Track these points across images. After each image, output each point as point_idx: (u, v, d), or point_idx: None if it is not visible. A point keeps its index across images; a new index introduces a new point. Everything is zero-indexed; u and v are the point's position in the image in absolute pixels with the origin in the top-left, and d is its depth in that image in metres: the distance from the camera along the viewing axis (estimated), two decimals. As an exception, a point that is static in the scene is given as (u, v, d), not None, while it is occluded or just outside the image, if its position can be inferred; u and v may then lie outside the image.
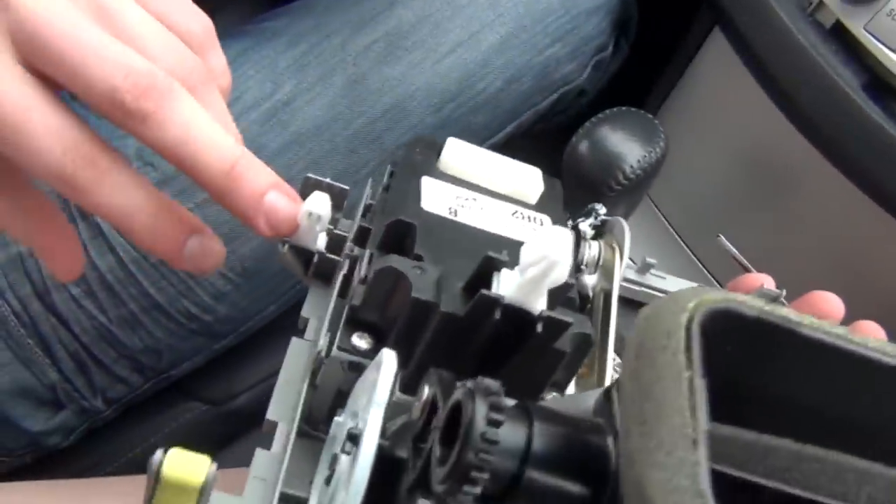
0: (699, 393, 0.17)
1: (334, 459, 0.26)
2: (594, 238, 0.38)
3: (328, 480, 0.26)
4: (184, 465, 0.23)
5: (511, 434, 0.21)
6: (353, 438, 0.25)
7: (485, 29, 0.62)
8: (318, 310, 0.34)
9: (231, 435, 0.66)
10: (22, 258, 0.52)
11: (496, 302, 0.26)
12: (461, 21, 0.61)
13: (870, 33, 0.55)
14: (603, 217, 0.39)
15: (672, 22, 0.74)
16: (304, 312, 0.34)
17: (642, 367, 0.18)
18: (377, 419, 0.24)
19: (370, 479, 0.23)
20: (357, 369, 0.28)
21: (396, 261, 0.28)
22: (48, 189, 0.32)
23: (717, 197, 0.73)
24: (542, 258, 0.25)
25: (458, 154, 0.35)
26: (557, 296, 0.28)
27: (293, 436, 0.29)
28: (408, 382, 0.28)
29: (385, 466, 0.24)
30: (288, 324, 0.64)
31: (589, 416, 0.23)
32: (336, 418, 0.27)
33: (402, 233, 0.31)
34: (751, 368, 0.19)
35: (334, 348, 0.29)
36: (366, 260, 0.30)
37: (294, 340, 0.32)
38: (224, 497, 0.26)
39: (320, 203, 0.31)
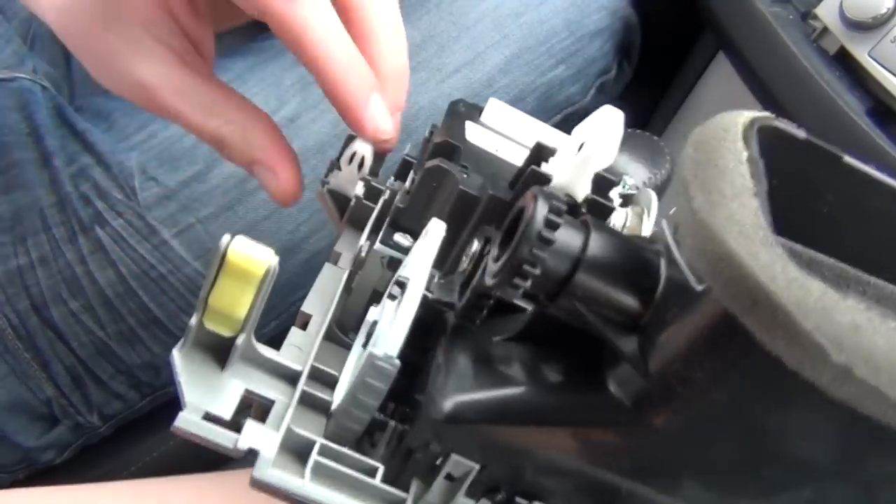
0: (758, 165, 0.18)
1: (372, 326, 0.26)
2: (622, 206, 0.39)
3: (365, 345, 0.26)
4: (249, 252, 0.24)
5: (568, 236, 0.22)
6: (401, 285, 0.25)
7: (489, 49, 0.62)
8: (352, 247, 0.35)
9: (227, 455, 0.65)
10: (21, 272, 0.52)
11: (545, 178, 0.25)
12: (466, 41, 0.61)
13: (874, 59, 0.56)
14: (630, 189, 0.39)
15: (676, 45, 0.74)
16: (338, 248, 0.35)
17: (701, 154, 0.19)
18: (427, 260, 0.25)
19: (414, 321, 0.24)
20: (395, 267, 0.28)
21: (444, 162, 0.30)
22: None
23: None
24: (591, 137, 0.25)
25: (498, 112, 0.36)
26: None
27: (329, 318, 0.29)
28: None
29: (429, 311, 0.25)
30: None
31: (645, 241, 0.23)
32: (371, 309, 0.27)
33: (448, 150, 0.31)
34: (797, 188, 0.19)
35: (377, 242, 0.29)
36: (411, 174, 0.31)
37: (327, 265, 0.33)
38: (259, 346, 0.26)
39: (363, 147, 0.33)
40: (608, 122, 0.26)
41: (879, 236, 0.20)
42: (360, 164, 0.33)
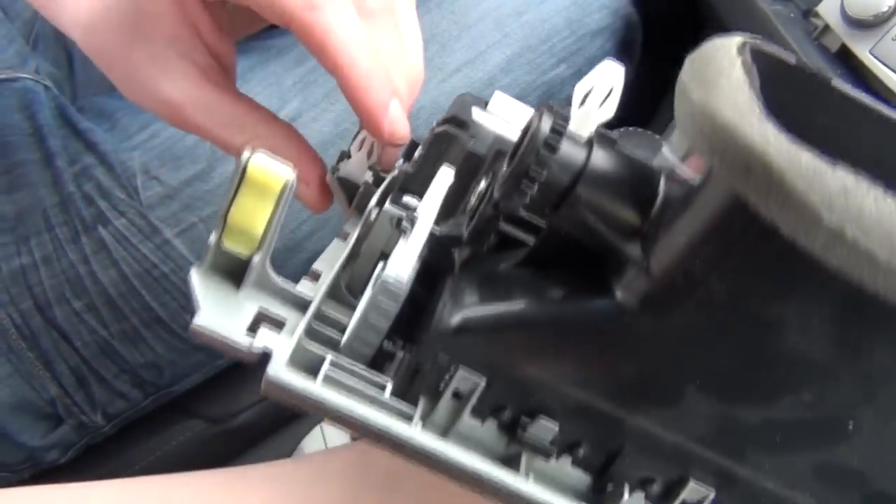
0: (752, 70, 0.20)
1: (381, 269, 0.26)
2: None
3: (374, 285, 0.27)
4: (269, 166, 0.24)
5: (570, 149, 0.23)
6: (411, 220, 0.26)
7: (490, 49, 0.62)
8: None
9: (230, 454, 0.65)
10: (24, 271, 0.52)
11: (554, 110, 0.26)
12: (468, 40, 0.62)
13: (875, 57, 0.56)
14: None
15: (677, 44, 0.74)
16: (346, 228, 0.35)
17: (697, 63, 0.20)
18: (437, 196, 0.26)
19: (422, 262, 0.24)
20: (402, 230, 0.29)
21: (452, 128, 0.31)
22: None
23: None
24: (595, 86, 0.26)
25: (504, 103, 0.37)
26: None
27: (339, 264, 0.30)
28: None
29: (437, 252, 0.26)
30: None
31: (647, 159, 0.25)
32: (380, 264, 0.28)
33: (456, 122, 0.32)
34: (788, 111, 0.20)
35: (387, 203, 0.30)
36: (419, 150, 0.32)
37: (336, 240, 0.34)
38: (273, 273, 0.27)
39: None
40: (609, 75, 0.26)
41: (869, 159, 0.21)
42: (370, 152, 0.34)
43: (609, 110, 0.26)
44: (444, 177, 0.27)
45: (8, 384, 0.53)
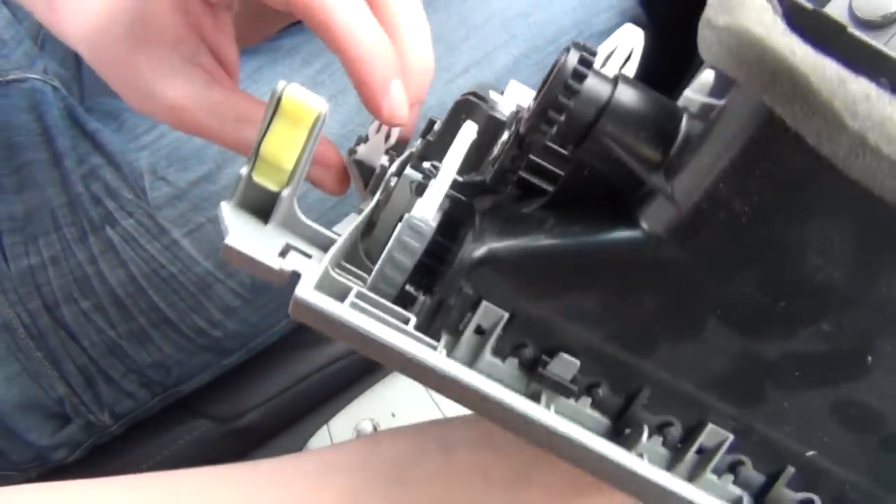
0: (773, 1, 0.20)
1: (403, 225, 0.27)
2: None
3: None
4: (303, 97, 0.25)
5: (595, 85, 0.24)
6: (435, 168, 0.27)
7: (498, 49, 0.62)
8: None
9: (237, 453, 0.65)
10: (32, 271, 0.52)
11: (581, 45, 0.26)
12: (475, 41, 0.62)
13: (884, 58, 0.55)
14: None
15: (684, 45, 0.74)
16: (362, 206, 0.36)
17: None
18: (460, 147, 0.26)
19: (443, 214, 0.25)
20: (421, 192, 0.29)
21: (473, 98, 0.31)
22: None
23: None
24: (616, 47, 0.26)
25: (519, 90, 0.37)
26: None
27: (362, 218, 0.30)
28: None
29: (458, 206, 0.27)
30: (298, 342, 0.65)
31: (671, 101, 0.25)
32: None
33: (469, 107, 0.33)
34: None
35: (407, 168, 0.30)
36: (437, 125, 0.33)
37: (352, 214, 0.35)
38: (299, 212, 0.28)
39: None
40: (630, 37, 0.27)
41: None
42: (388, 136, 0.34)
43: (630, 70, 0.27)
44: (468, 130, 0.28)
45: (16, 383, 0.54)
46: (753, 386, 0.24)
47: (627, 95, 0.24)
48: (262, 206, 0.27)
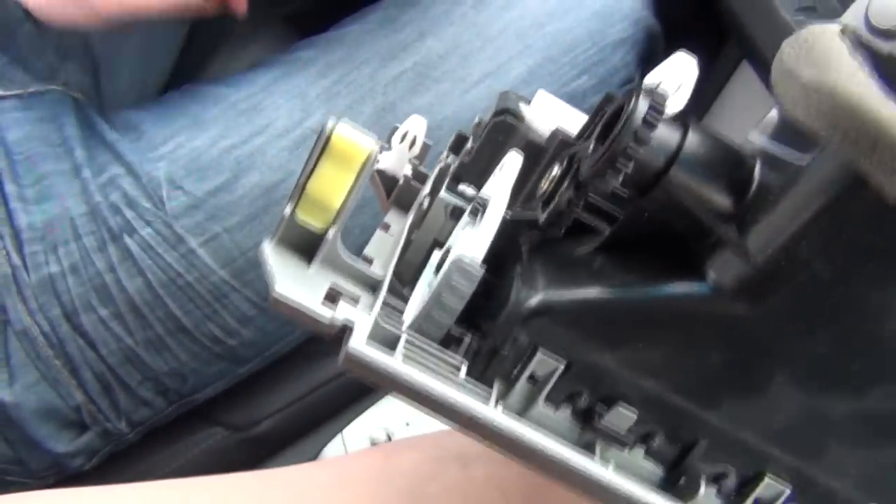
0: (856, 53, 0.19)
1: (444, 253, 0.26)
2: None
3: (437, 270, 0.26)
4: (353, 137, 0.24)
5: (666, 132, 0.23)
6: (480, 205, 0.25)
7: (512, 60, 0.63)
8: (402, 219, 0.34)
9: (253, 461, 0.65)
10: (52, 280, 0.53)
11: (651, 90, 0.25)
12: (490, 52, 0.62)
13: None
14: None
15: (699, 55, 0.74)
16: (387, 220, 0.35)
17: (799, 46, 0.20)
18: (508, 181, 0.25)
19: (489, 247, 0.24)
20: (458, 216, 0.28)
21: (510, 119, 0.30)
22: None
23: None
24: (664, 79, 0.26)
25: (548, 101, 0.36)
26: None
27: (399, 249, 0.29)
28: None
29: (504, 237, 0.25)
30: (312, 350, 0.65)
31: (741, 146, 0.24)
32: (434, 252, 0.27)
33: (506, 128, 0.31)
34: None
35: (442, 190, 0.29)
36: (468, 144, 0.32)
37: (378, 232, 0.33)
38: (343, 250, 0.27)
39: (416, 125, 0.32)
40: (682, 66, 0.26)
41: None
42: (411, 145, 0.33)
43: (679, 103, 0.26)
44: (514, 161, 0.27)
45: (35, 391, 0.54)
46: (817, 442, 0.23)
47: (697, 142, 0.23)
48: (304, 245, 0.26)
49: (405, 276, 0.30)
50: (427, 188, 0.32)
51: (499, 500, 0.30)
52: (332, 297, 0.25)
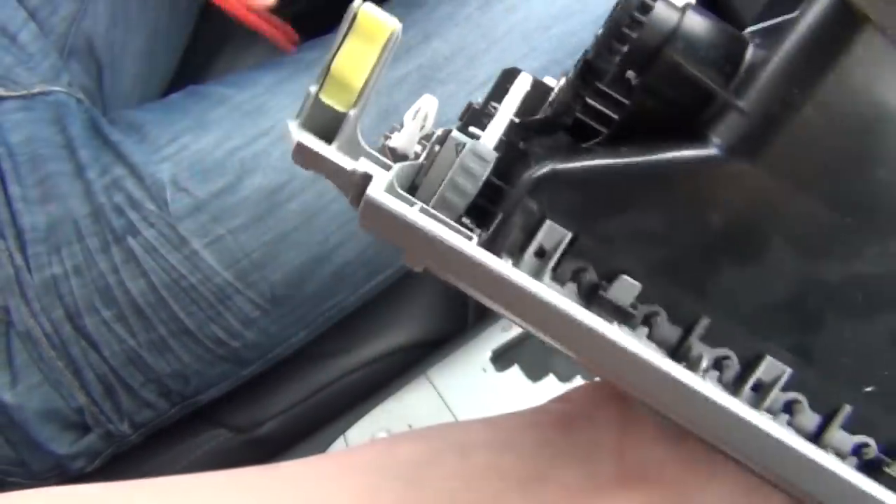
0: None
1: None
2: None
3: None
4: (378, 14, 0.25)
5: (664, 10, 0.24)
6: (493, 109, 0.26)
7: (518, 62, 0.62)
8: None
9: (256, 463, 0.65)
10: (56, 281, 0.53)
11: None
12: (495, 54, 0.62)
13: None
14: None
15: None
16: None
17: None
18: (519, 89, 0.26)
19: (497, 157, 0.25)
20: None
21: (519, 68, 0.31)
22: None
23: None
24: None
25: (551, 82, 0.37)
26: None
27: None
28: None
29: (511, 151, 0.27)
30: (316, 353, 0.65)
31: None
32: None
33: (515, 75, 0.32)
34: None
35: (453, 131, 0.30)
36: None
37: None
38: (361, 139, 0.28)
39: (428, 103, 0.33)
40: None
41: None
42: (423, 124, 0.34)
43: None
44: (524, 80, 0.28)
45: (37, 392, 0.54)
46: (814, 312, 0.24)
47: (696, 19, 0.24)
48: (325, 130, 0.27)
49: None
50: (437, 135, 0.32)
51: (497, 485, 0.30)
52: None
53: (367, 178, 0.24)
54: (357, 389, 0.66)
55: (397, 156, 0.35)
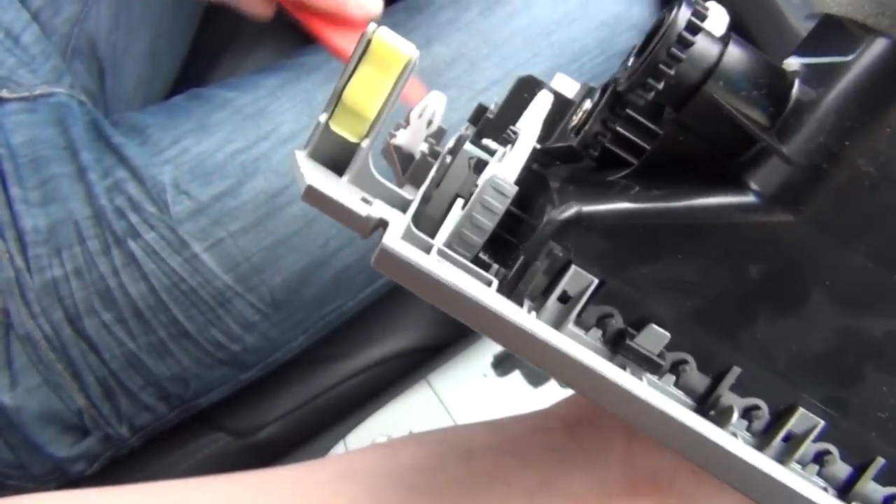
0: None
1: (472, 186, 0.25)
2: None
3: (464, 206, 0.26)
4: (394, 42, 0.24)
5: (705, 44, 0.22)
6: (514, 136, 0.25)
7: (519, 68, 0.62)
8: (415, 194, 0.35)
9: (255, 467, 0.65)
10: (56, 283, 0.53)
11: (690, 18, 0.24)
12: (496, 59, 0.62)
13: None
14: None
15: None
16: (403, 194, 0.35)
17: None
18: (540, 112, 0.25)
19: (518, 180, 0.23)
20: (481, 170, 0.27)
21: (535, 78, 0.30)
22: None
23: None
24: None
25: (566, 82, 0.36)
26: None
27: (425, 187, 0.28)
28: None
29: (533, 176, 0.25)
30: (316, 357, 0.65)
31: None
32: (458, 200, 0.27)
33: (531, 84, 0.31)
34: None
35: (466, 143, 0.28)
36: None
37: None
38: (374, 170, 0.26)
39: (435, 101, 0.32)
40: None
41: None
42: (429, 122, 0.33)
43: (720, 24, 0.26)
44: (545, 97, 0.27)
45: (36, 395, 0.54)
46: (853, 366, 0.23)
47: (738, 53, 0.23)
48: (336, 160, 0.25)
49: (425, 230, 0.30)
50: (450, 145, 0.31)
51: (503, 492, 0.29)
52: (365, 202, 0.25)
53: (382, 224, 0.23)
54: (357, 394, 0.66)
55: (402, 154, 0.35)
